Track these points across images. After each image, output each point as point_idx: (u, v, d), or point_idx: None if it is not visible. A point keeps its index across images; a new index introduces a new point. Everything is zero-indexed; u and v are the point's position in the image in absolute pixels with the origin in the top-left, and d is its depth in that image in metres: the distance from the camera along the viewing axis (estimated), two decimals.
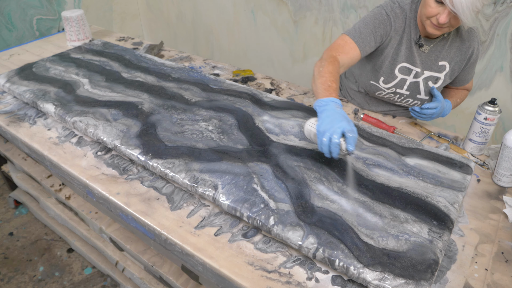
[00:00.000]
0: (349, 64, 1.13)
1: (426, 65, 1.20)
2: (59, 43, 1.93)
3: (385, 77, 1.22)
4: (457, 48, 1.18)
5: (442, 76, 1.21)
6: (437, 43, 1.17)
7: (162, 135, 1.09)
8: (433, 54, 1.18)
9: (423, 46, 1.17)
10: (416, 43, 1.17)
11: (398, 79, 1.21)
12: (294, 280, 0.77)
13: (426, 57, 1.19)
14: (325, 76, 0.99)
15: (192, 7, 2.77)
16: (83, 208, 1.42)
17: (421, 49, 1.18)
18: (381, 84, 1.24)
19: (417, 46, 1.18)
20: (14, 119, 1.31)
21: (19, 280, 1.67)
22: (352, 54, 1.12)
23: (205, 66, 1.68)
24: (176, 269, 1.19)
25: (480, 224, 0.91)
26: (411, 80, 1.21)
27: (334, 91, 0.96)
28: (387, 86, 1.23)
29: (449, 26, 1.05)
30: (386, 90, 1.25)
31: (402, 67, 1.20)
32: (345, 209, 0.85)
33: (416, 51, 1.18)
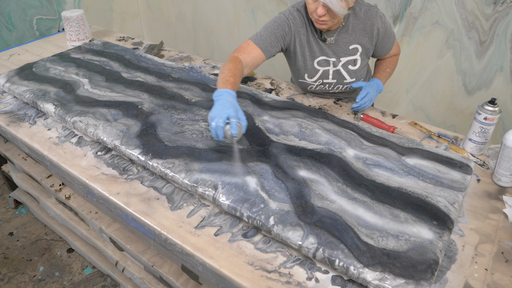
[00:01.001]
0: (253, 63, 1.26)
1: (339, 53, 1.30)
2: (59, 43, 1.93)
3: (308, 73, 1.34)
4: (361, 29, 1.27)
5: (358, 57, 1.31)
6: (339, 32, 1.28)
7: (162, 135, 1.09)
8: (341, 41, 1.29)
9: (327, 40, 1.28)
10: (320, 39, 1.29)
11: (321, 71, 1.33)
12: (294, 280, 0.77)
13: (336, 46, 1.30)
14: (225, 73, 1.12)
15: (192, 7, 2.77)
16: (83, 208, 1.42)
17: (327, 42, 1.29)
18: (307, 79, 1.35)
19: (322, 41, 1.29)
20: (14, 119, 1.31)
21: (19, 280, 1.67)
22: (254, 54, 1.25)
23: (205, 66, 1.68)
24: (176, 269, 1.19)
25: (480, 224, 0.91)
26: (332, 69, 1.32)
27: (231, 84, 1.08)
28: (313, 80, 1.35)
29: (330, 18, 1.16)
30: (314, 83, 1.36)
31: (320, 61, 1.31)
32: (345, 209, 0.85)
33: (324, 44, 1.30)
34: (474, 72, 1.89)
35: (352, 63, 1.31)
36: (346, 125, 1.14)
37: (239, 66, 1.17)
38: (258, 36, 1.26)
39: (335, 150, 1.03)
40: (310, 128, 1.11)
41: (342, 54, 1.30)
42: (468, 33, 1.82)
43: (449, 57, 1.93)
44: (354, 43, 1.29)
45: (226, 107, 0.98)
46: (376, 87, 1.32)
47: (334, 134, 1.09)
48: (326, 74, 1.33)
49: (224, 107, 0.98)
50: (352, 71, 1.33)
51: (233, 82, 1.09)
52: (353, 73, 1.33)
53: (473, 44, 1.83)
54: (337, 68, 1.32)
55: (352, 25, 1.27)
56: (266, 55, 1.27)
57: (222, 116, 0.96)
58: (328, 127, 1.12)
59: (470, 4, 1.75)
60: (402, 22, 1.98)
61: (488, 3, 1.70)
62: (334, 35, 1.28)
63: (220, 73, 1.14)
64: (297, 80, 1.40)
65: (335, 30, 1.27)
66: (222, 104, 0.99)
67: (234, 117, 0.96)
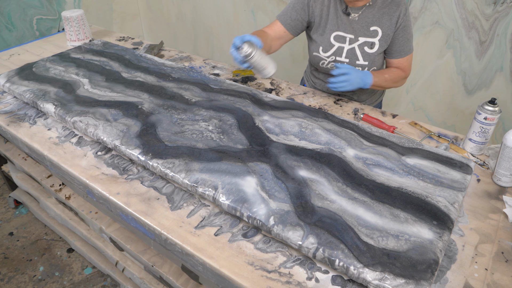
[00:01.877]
0: (276, 36, 1.37)
1: (359, 31, 1.30)
2: (59, 43, 1.93)
3: (323, 46, 1.35)
4: (385, 13, 1.27)
5: (377, 41, 1.29)
6: (365, 10, 1.28)
7: (162, 135, 1.09)
8: (364, 20, 1.29)
9: (351, 15, 1.29)
10: (344, 13, 1.29)
11: (336, 47, 1.33)
12: (294, 280, 0.77)
13: (357, 24, 1.29)
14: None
15: (192, 7, 2.77)
16: (83, 208, 1.42)
17: (350, 17, 1.29)
18: (321, 53, 1.37)
19: (346, 15, 1.29)
20: (14, 119, 1.31)
21: (19, 280, 1.67)
22: (275, 27, 1.36)
23: (205, 66, 1.68)
24: (176, 269, 1.19)
25: (480, 224, 0.91)
26: (347, 47, 1.32)
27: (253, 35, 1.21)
28: (327, 54, 1.36)
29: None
30: (327, 59, 1.37)
31: (337, 36, 1.32)
32: (345, 209, 0.85)
33: (346, 19, 1.30)
34: (474, 72, 1.89)
35: (369, 46, 1.30)
36: (346, 125, 1.14)
37: (262, 34, 1.31)
38: (282, 12, 1.37)
39: (335, 150, 1.03)
40: (310, 128, 1.11)
41: (361, 33, 1.29)
42: (468, 33, 1.82)
43: (449, 57, 1.93)
44: (376, 25, 1.28)
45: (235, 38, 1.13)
46: (362, 76, 1.25)
47: (334, 134, 1.09)
48: (340, 51, 1.33)
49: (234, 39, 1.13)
50: (367, 54, 1.31)
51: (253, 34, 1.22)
52: (368, 56, 1.31)
53: (473, 44, 1.83)
54: (352, 46, 1.31)
55: (379, 6, 1.27)
56: (287, 28, 1.36)
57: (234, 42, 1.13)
58: (328, 127, 1.12)
59: (470, 4, 1.75)
60: None
61: (488, 3, 1.70)
62: (359, 11, 1.27)
63: None
64: (312, 53, 1.41)
65: (361, 7, 1.27)
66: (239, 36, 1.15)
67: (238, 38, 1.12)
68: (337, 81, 1.23)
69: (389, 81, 1.32)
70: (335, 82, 1.23)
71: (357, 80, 1.24)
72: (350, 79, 1.22)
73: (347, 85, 1.23)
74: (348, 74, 1.22)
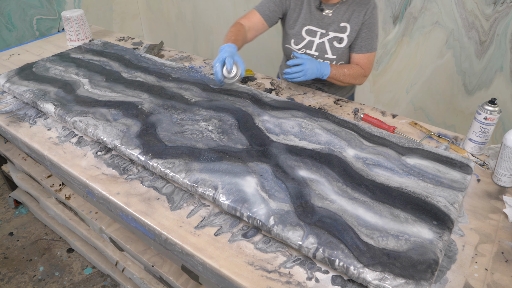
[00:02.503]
0: (254, 27, 1.41)
1: (330, 27, 1.36)
2: (59, 43, 1.93)
3: (295, 39, 1.41)
4: (355, 10, 1.33)
5: (345, 36, 1.36)
6: (338, 7, 1.34)
7: (162, 135, 1.09)
8: (336, 17, 1.35)
9: (325, 11, 1.35)
10: (317, 8, 1.35)
11: (306, 40, 1.39)
12: (294, 280, 0.77)
13: (329, 19, 1.35)
14: (228, 34, 1.32)
15: (192, 7, 2.77)
16: (83, 208, 1.42)
17: (324, 13, 1.35)
18: (293, 45, 1.42)
19: (320, 11, 1.35)
20: (14, 119, 1.31)
21: (19, 280, 1.67)
22: (253, 19, 1.40)
23: (205, 66, 1.68)
24: (176, 269, 1.19)
25: (480, 224, 0.91)
26: (318, 41, 1.38)
27: (232, 40, 1.27)
28: (298, 47, 1.41)
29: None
30: (298, 51, 1.42)
31: (308, 30, 1.38)
32: (345, 209, 0.85)
33: (319, 14, 1.36)
34: (474, 72, 1.89)
35: (338, 41, 1.36)
36: (346, 125, 1.14)
37: (240, 29, 1.35)
38: (260, 3, 1.42)
39: (335, 150, 1.03)
40: (310, 128, 1.11)
41: (332, 28, 1.36)
42: (468, 33, 1.82)
43: (449, 57, 1.93)
44: (346, 22, 1.34)
45: (224, 53, 1.18)
46: (319, 66, 1.29)
47: (334, 134, 1.09)
48: (311, 45, 1.39)
49: (222, 54, 1.18)
50: (336, 48, 1.37)
51: (234, 39, 1.28)
52: (336, 50, 1.37)
53: (473, 44, 1.83)
54: (322, 41, 1.37)
55: (350, 4, 1.33)
56: (265, 20, 1.41)
57: (219, 59, 1.16)
58: (328, 127, 1.12)
59: (470, 4, 1.75)
60: (402, 22, 1.98)
61: (488, 3, 1.70)
62: (333, 8, 1.34)
63: (225, 35, 1.33)
64: (284, 45, 1.47)
65: (335, 4, 1.33)
66: (221, 52, 1.19)
67: (229, 57, 1.16)
68: (291, 72, 1.27)
69: (348, 75, 1.36)
70: (289, 73, 1.28)
71: (313, 71, 1.28)
72: (304, 69, 1.26)
73: (301, 75, 1.27)
74: (303, 65, 1.26)
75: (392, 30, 2.03)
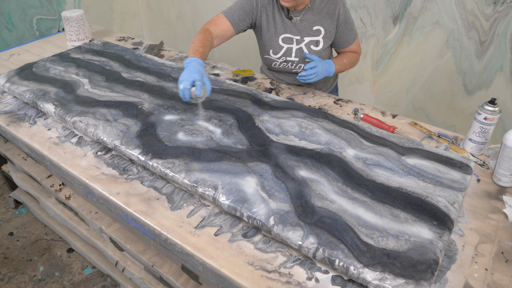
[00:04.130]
0: (223, 35, 1.36)
1: (303, 32, 1.37)
2: (59, 43, 1.93)
3: (273, 49, 1.41)
4: (325, 12, 1.35)
5: (321, 38, 1.38)
6: (305, 13, 1.35)
7: (162, 135, 1.09)
8: (306, 22, 1.36)
9: (293, 18, 1.36)
10: (286, 17, 1.36)
11: (284, 48, 1.40)
12: (294, 280, 0.77)
13: (301, 26, 1.37)
14: (195, 43, 1.24)
15: (192, 7, 2.77)
16: (83, 208, 1.42)
17: (293, 21, 1.36)
18: (272, 55, 1.43)
19: (289, 19, 1.36)
20: (14, 119, 1.31)
21: (19, 280, 1.67)
22: (223, 26, 1.36)
23: (205, 66, 1.68)
24: (176, 269, 1.19)
25: (480, 224, 0.91)
26: (295, 47, 1.39)
27: (200, 53, 1.20)
28: (277, 56, 1.42)
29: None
30: (278, 60, 1.43)
31: (284, 38, 1.39)
32: (345, 209, 0.85)
33: (290, 22, 1.37)
34: (474, 72, 1.89)
35: (315, 44, 1.39)
36: (346, 125, 1.14)
37: (209, 37, 1.29)
38: (229, 10, 1.37)
39: (335, 150, 1.03)
40: (310, 128, 1.11)
41: (305, 33, 1.37)
42: (468, 33, 1.82)
43: (449, 57, 1.93)
44: (317, 25, 1.36)
45: (193, 72, 1.10)
46: (327, 66, 1.35)
47: (334, 134, 1.09)
48: (290, 52, 1.40)
49: (191, 73, 1.10)
50: (314, 51, 1.39)
51: (202, 52, 1.21)
52: (315, 53, 1.40)
53: (473, 44, 1.83)
54: (299, 46, 1.39)
55: (318, 7, 1.35)
56: (234, 28, 1.37)
57: (189, 80, 1.08)
58: (328, 127, 1.12)
59: (470, 4, 1.75)
60: (402, 22, 1.98)
61: (488, 3, 1.70)
62: (300, 15, 1.35)
63: (192, 43, 1.25)
64: (263, 56, 1.47)
65: (301, 10, 1.35)
66: (190, 70, 1.11)
67: (199, 80, 1.09)
68: (307, 75, 1.30)
69: (348, 64, 1.43)
70: (305, 76, 1.30)
71: (323, 71, 1.33)
72: (317, 71, 1.30)
73: (314, 76, 1.31)
74: (316, 67, 1.30)
75: (392, 30, 2.03)
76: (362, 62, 2.24)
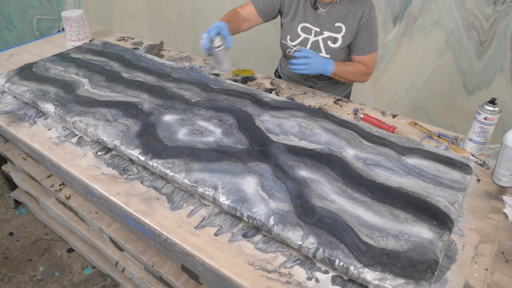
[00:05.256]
0: (248, 18, 1.45)
1: (324, 26, 1.37)
2: (59, 43, 1.93)
3: (291, 35, 1.43)
4: (350, 11, 1.33)
5: (340, 37, 1.36)
6: (332, 7, 1.35)
7: (162, 135, 1.09)
8: (330, 16, 1.36)
9: (319, 9, 1.36)
10: (312, 6, 1.37)
11: (302, 37, 1.41)
12: (294, 280, 0.77)
13: (324, 19, 1.36)
14: (223, 17, 1.36)
15: (192, 7, 2.77)
16: (83, 208, 1.42)
17: (318, 12, 1.36)
18: (288, 42, 1.44)
19: (314, 9, 1.37)
20: (14, 119, 1.31)
21: (19, 280, 1.67)
22: (248, 9, 1.44)
23: (205, 66, 1.68)
24: (176, 269, 1.19)
25: (480, 224, 0.91)
26: (312, 39, 1.39)
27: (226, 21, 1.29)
28: (294, 43, 1.43)
29: None
30: (293, 47, 1.44)
31: (304, 27, 1.40)
32: (345, 209, 0.85)
33: (314, 13, 1.37)
34: (474, 72, 1.89)
35: (333, 41, 1.37)
36: (346, 125, 1.14)
37: (236, 15, 1.40)
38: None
39: (335, 150, 1.03)
40: (310, 128, 1.11)
41: (326, 27, 1.37)
42: (468, 33, 1.82)
43: (449, 57, 1.93)
44: (340, 22, 1.35)
45: (212, 27, 1.22)
46: (325, 63, 1.31)
47: (334, 134, 1.09)
48: (306, 42, 1.40)
49: (210, 27, 1.22)
50: (330, 48, 1.38)
51: (227, 20, 1.31)
52: (330, 50, 1.38)
53: (473, 44, 1.83)
54: (316, 39, 1.38)
55: (345, 4, 1.33)
56: (258, 12, 1.44)
57: (208, 31, 1.21)
58: (328, 127, 1.12)
59: (470, 4, 1.75)
60: (402, 22, 1.98)
61: (488, 3, 1.70)
62: (327, 8, 1.35)
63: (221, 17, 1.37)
64: (281, 41, 1.48)
65: (329, 3, 1.34)
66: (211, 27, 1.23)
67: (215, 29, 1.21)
68: (298, 63, 1.28)
69: (351, 73, 1.37)
70: (296, 64, 1.29)
71: (318, 66, 1.30)
72: (311, 62, 1.28)
73: (307, 68, 1.28)
74: (310, 58, 1.28)
75: (392, 30, 2.03)
76: None
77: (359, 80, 1.42)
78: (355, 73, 1.38)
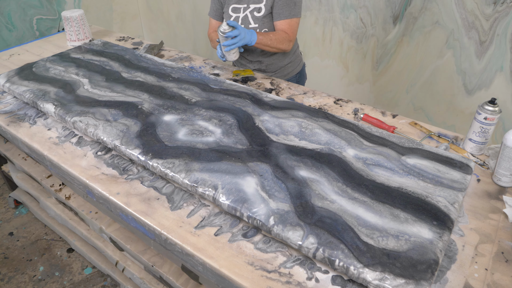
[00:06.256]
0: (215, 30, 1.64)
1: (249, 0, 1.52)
2: (59, 43, 1.93)
3: (226, 18, 1.57)
4: None
5: (262, 6, 1.50)
6: None
7: (162, 135, 1.09)
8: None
9: None
10: None
11: (233, 17, 1.56)
12: (294, 280, 0.77)
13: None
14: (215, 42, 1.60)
15: (192, 7, 2.77)
16: (83, 208, 1.42)
17: None
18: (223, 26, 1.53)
19: None
20: (14, 119, 1.31)
21: (19, 280, 1.67)
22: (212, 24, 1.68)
23: (205, 66, 1.68)
24: (176, 269, 1.19)
25: (480, 224, 0.91)
26: (242, 16, 1.54)
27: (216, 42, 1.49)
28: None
29: None
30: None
31: (234, 8, 1.55)
32: (345, 209, 0.85)
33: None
34: (474, 72, 1.89)
35: (257, 10, 1.51)
36: (346, 125, 1.14)
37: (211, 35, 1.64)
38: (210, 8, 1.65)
39: (335, 150, 1.03)
40: (310, 128, 1.11)
41: (251, 1, 1.51)
42: (468, 33, 1.82)
43: (449, 57, 1.93)
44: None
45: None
46: (250, 34, 1.41)
47: (334, 134, 1.09)
48: (237, 20, 1.54)
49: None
50: (256, 17, 1.52)
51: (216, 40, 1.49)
52: (257, 19, 1.52)
53: (473, 44, 1.83)
54: (245, 14, 1.53)
55: None
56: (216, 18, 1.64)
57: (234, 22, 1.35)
58: (328, 127, 1.12)
59: (470, 4, 1.75)
60: (402, 22, 1.98)
61: (488, 3, 1.70)
62: None
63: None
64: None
65: None
66: None
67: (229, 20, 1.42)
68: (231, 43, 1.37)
69: (274, 40, 1.47)
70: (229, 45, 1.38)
71: (246, 37, 1.40)
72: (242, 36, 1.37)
73: (238, 41, 1.38)
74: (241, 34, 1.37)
75: (392, 30, 2.03)
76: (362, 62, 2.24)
77: (282, 47, 1.50)
78: (277, 39, 1.47)
